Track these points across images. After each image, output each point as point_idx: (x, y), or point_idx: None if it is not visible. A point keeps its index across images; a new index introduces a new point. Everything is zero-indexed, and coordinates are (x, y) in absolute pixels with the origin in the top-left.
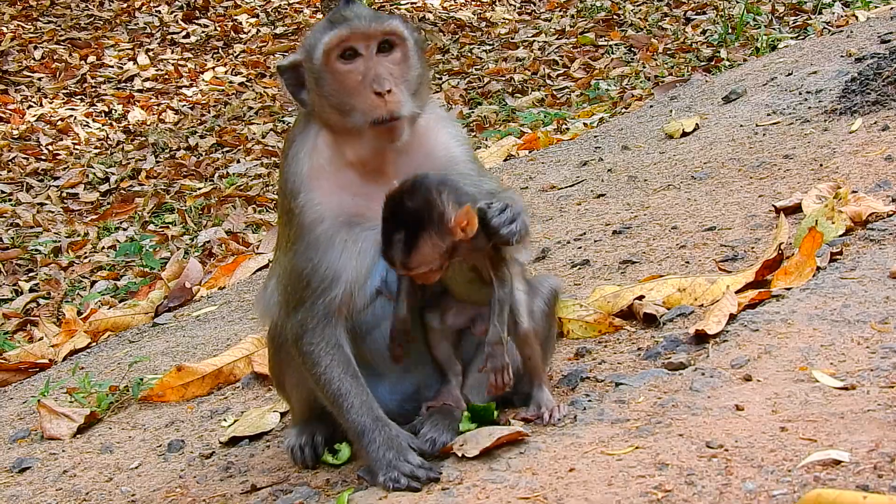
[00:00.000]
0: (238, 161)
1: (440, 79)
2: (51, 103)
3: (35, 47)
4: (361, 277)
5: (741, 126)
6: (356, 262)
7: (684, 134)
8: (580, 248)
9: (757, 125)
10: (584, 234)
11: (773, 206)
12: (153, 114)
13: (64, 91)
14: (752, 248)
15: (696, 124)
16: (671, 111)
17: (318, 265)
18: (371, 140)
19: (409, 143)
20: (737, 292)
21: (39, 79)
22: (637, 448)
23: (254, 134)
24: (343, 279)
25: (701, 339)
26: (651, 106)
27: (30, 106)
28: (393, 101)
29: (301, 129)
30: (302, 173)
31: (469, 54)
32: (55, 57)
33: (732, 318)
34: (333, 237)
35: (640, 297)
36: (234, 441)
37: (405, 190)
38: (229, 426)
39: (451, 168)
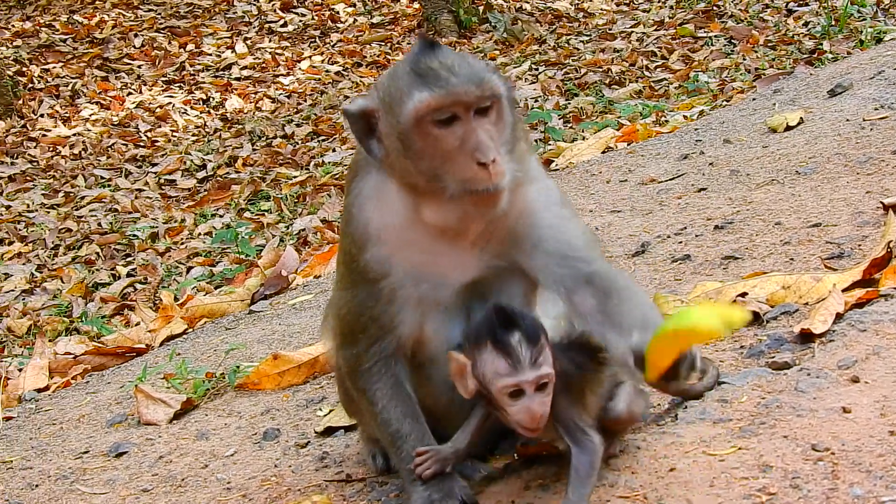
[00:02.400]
0: (333, 150)
1: (537, 69)
2: (150, 90)
3: (135, 35)
4: (427, 333)
5: (847, 120)
6: (421, 317)
7: (788, 128)
8: (681, 242)
9: (864, 119)
10: (685, 228)
11: (880, 202)
12: (250, 102)
13: (163, 78)
14: (859, 245)
15: (801, 118)
16: (774, 104)
17: (379, 315)
18: (463, 206)
19: None
20: (843, 291)
21: (139, 66)
22: (740, 449)
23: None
24: (405, 332)
25: (806, 338)
26: (753, 99)
27: (129, 93)
28: (497, 173)
29: (366, 169)
30: (368, 225)
31: (566, 45)
32: (155, 45)
33: (839, 317)
34: (398, 292)
35: (744, 294)
36: (329, 431)
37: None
38: (325, 416)
39: (537, 240)
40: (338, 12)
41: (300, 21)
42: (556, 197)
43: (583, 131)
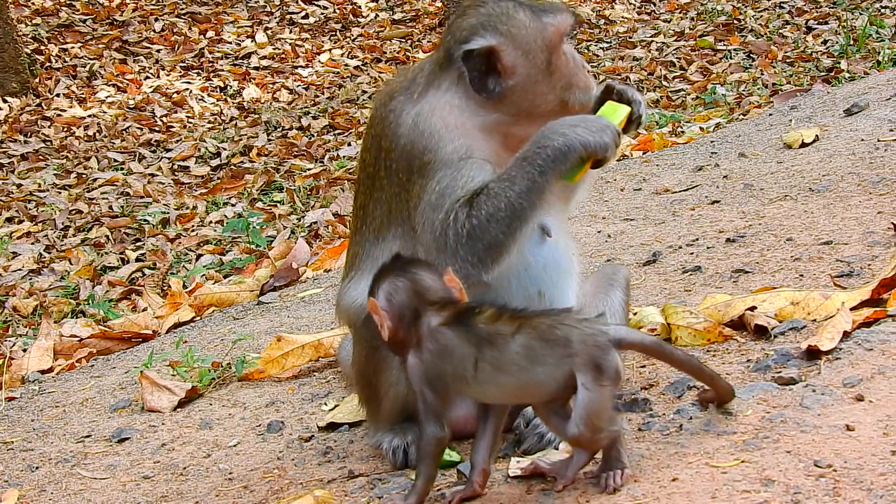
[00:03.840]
0: (349, 144)
1: None
2: (168, 76)
3: (156, 19)
4: None
5: (862, 140)
6: None
7: (803, 144)
8: (692, 254)
9: (879, 140)
10: (697, 240)
11: (892, 223)
12: (268, 92)
13: (181, 64)
14: (869, 265)
15: (816, 136)
16: (791, 121)
17: (479, 182)
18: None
19: None
20: (851, 309)
21: (158, 51)
22: (743, 462)
23: (366, 118)
24: None
25: (813, 354)
26: (770, 114)
27: (147, 77)
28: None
29: (409, 99)
30: (439, 128)
31: (586, 51)
32: (175, 30)
33: (846, 335)
34: (486, 167)
35: (752, 308)
36: (333, 426)
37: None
38: (330, 410)
39: None
40: (360, 7)
41: (322, 13)
42: None
43: None
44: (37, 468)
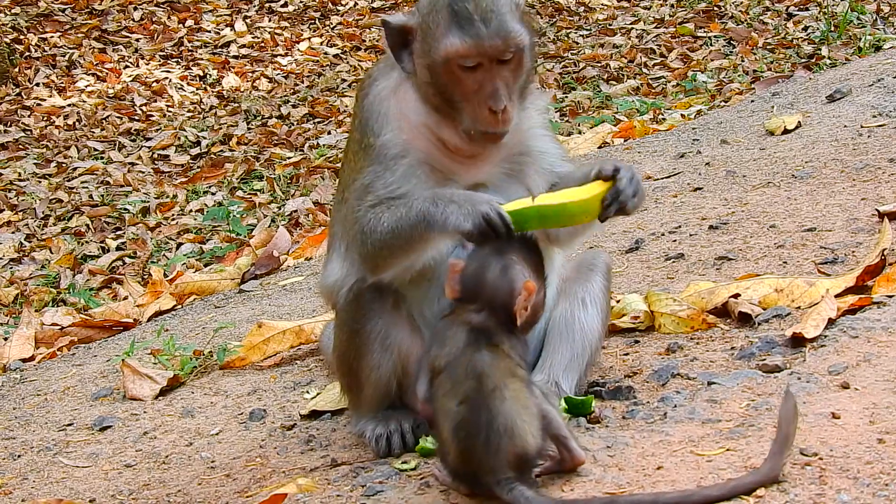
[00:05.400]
0: (329, 133)
1: (535, 62)
2: (147, 64)
3: (135, 8)
4: None
5: (845, 126)
6: None
7: (786, 131)
8: (675, 241)
9: (862, 126)
10: (680, 227)
11: (876, 210)
12: (247, 80)
13: (161, 53)
14: (853, 251)
15: (799, 122)
16: (773, 107)
17: (396, 190)
18: (469, 136)
19: None
20: (836, 296)
21: (137, 40)
22: (728, 450)
23: (346, 106)
24: None
25: (798, 342)
26: (752, 101)
27: (126, 66)
28: (505, 120)
29: (386, 74)
30: (388, 114)
31: (566, 38)
32: (154, 19)
33: (831, 322)
34: (417, 172)
35: (736, 296)
36: (315, 414)
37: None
38: (312, 399)
39: (534, 154)
40: None
41: (301, 2)
42: (544, 121)
43: (579, 126)
44: (19, 457)
